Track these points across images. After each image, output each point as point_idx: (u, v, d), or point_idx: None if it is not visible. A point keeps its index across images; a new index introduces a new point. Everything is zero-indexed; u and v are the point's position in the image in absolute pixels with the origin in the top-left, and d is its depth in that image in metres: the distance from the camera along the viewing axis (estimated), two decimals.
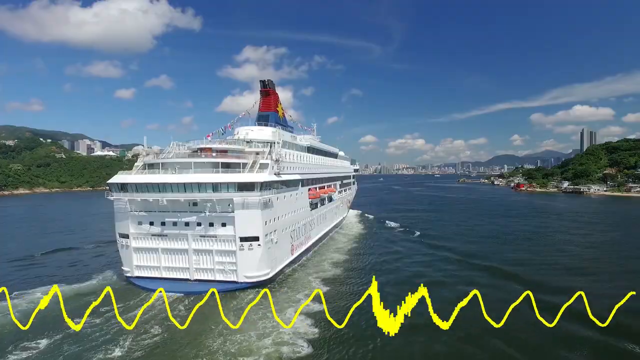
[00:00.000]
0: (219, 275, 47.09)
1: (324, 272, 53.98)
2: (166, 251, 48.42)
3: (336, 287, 47.51)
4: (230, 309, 39.66)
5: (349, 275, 52.97)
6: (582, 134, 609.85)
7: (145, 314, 37.57)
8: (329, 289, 46.01)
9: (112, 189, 48.88)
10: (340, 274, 53.32)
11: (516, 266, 57.23)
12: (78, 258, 64.23)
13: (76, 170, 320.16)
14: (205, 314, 37.05)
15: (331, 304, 40.41)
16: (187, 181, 45.41)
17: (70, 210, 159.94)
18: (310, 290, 44.47)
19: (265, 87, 70.48)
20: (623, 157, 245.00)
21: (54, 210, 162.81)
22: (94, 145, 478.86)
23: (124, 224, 49.08)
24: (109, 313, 36.83)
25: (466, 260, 60.94)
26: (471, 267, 57.31)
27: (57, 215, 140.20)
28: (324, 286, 47.00)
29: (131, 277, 48.89)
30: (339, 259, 61.79)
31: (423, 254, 66.29)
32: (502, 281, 50.45)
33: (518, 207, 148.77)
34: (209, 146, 52.71)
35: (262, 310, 37.96)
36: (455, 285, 47.82)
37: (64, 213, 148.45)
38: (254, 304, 35.33)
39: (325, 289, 45.66)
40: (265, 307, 37.75)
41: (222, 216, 46.03)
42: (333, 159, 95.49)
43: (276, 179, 50.10)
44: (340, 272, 53.86)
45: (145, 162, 51.51)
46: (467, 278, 51.22)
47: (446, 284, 48.78)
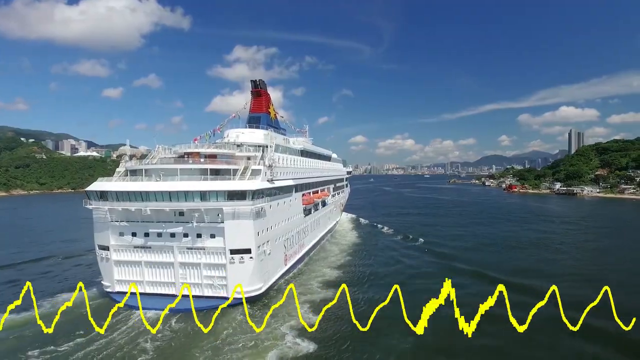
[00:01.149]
0: (208, 290, 43.78)
1: (313, 293, 47.05)
2: (150, 264, 44.93)
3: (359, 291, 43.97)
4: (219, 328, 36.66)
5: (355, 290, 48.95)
6: (570, 134, 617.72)
7: (125, 336, 34.49)
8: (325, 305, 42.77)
9: (91, 197, 45.18)
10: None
11: (534, 278, 53.14)
12: (50, 270, 59.20)
13: (57, 171, 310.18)
14: (191, 334, 34.80)
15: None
16: (172, 189, 42.00)
17: (46, 213, 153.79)
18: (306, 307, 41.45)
19: (257, 88, 67.28)
20: (614, 158, 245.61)
21: (27, 213, 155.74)
22: (78, 145, 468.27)
23: (104, 235, 45.35)
24: (80, 338, 33.73)
25: (484, 273, 56.12)
26: (490, 281, 50.63)
27: (29, 219, 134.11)
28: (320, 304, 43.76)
29: (112, 293, 45.23)
30: (331, 275, 54.88)
31: (438, 267, 60.73)
32: (531, 298, 40.42)
33: (516, 211, 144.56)
34: (197, 150, 49.33)
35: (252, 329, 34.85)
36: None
37: (37, 216, 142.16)
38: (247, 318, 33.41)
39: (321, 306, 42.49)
40: (257, 323, 34.79)
41: (210, 227, 42.72)
42: (326, 162, 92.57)
43: (269, 186, 46.88)
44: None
45: (127, 167, 47.92)
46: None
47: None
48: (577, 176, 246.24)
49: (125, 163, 49.08)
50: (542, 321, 34.49)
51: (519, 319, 30.08)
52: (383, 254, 70.39)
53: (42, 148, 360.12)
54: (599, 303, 33.59)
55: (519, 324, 29.75)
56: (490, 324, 32.97)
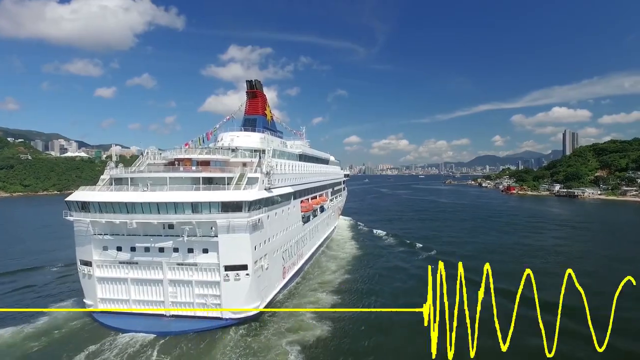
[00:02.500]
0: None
1: (307, 330, 39.52)
2: (137, 282, 41.15)
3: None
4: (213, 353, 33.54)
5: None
6: (564, 135, 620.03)
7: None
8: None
9: (71, 207, 41.25)
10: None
11: None
12: (26, 284, 53.92)
13: (42, 172, 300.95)
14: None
15: None
16: (160, 200, 38.22)
17: (26, 218, 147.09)
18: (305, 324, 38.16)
19: (253, 88, 63.45)
20: (613, 159, 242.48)
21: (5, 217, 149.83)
22: (68, 145, 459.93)
23: (86, 250, 41.44)
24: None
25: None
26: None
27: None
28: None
29: (95, 313, 41.34)
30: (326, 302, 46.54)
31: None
32: None
33: (521, 216, 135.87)
34: (188, 157, 45.65)
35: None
36: None
37: (15, 221, 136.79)
38: None
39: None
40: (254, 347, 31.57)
41: (203, 241, 39.07)
42: (325, 166, 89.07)
43: (267, 195, 43.25)
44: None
45: (111, 175, 43.99)
46: None
47: None
48: (576, 178, 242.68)
49: (110, 170, 45.07)
50: None
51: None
52: (389, 275, 59.55)
53: (29, 148, 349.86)
54: None
55: None
56: None
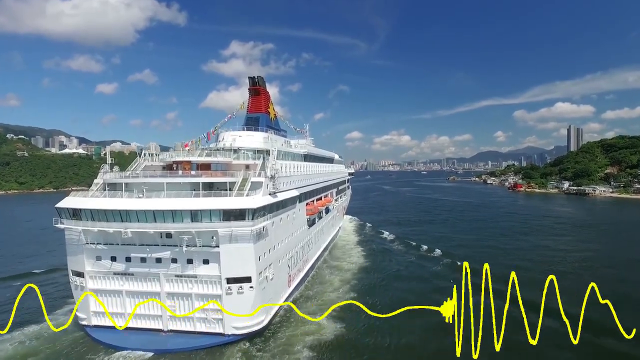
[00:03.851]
0: (200, 325, 37.36)
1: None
2: (132, 294, 38.35)
3: None
4: None
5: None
6: (569, 130, 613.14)
7: None
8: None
9: (62, 214, 38.38)
10: None
11: None
12: (12, 293, 47.89)
13: (39, 169, 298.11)
14: None
15: None
16: (157, 208, 35.31)
17: (16, 218, 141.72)
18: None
19: (255, 85, 60.35)
20: (624, 155, 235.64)
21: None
22: (69, 142, 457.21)
23: (78, 260, 38.64)
24: None
25: None
26: None
27: None
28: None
29: (87, 327, 38.65)
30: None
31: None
32: None
33: (534, 216, 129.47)
34: (187, 159, 42.72)
35: None
36: None
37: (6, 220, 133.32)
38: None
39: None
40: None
41: (203, 251, 36.20)
42: (330, 165, 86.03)
43: (271, 200, 40.24)
44: None
45: (105, 180, 41.06)
46: None
47: None
48: (585, 175, 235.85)
49: (104, 174, 42.12)
50: None
51: None
52: (401, 285, 54.31)
53: (27, 145, 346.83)
54: None
55: None
56: None
